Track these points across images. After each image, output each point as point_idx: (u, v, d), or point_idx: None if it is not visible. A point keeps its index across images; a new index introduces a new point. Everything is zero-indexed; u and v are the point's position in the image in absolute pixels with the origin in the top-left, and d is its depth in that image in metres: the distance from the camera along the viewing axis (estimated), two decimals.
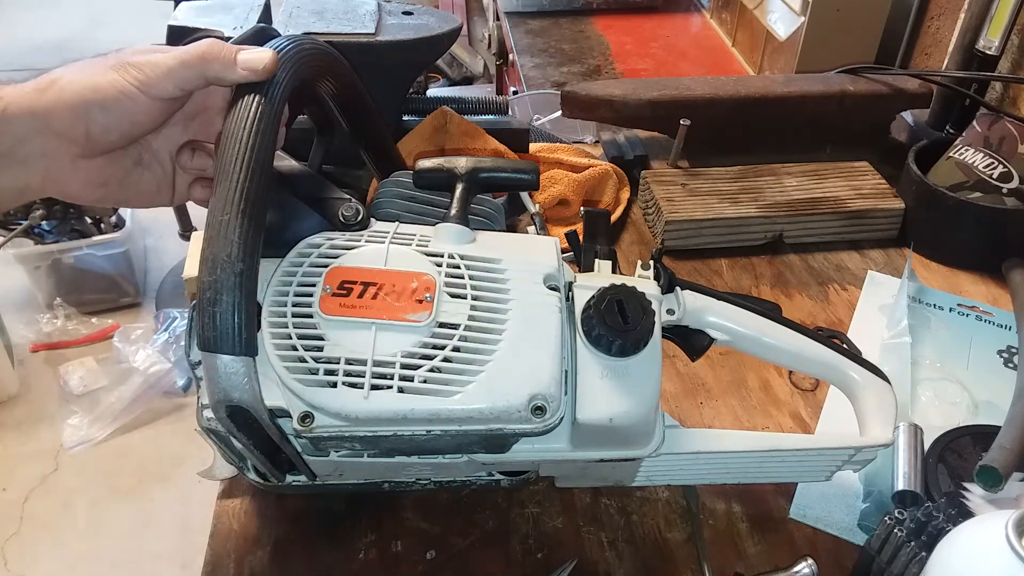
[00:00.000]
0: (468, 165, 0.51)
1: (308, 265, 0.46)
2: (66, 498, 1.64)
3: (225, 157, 0.39)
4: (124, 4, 3.45)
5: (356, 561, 0.54)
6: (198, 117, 0.49)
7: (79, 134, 0.42)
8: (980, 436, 0.60)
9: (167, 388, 1.81)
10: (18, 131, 0.41)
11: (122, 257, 1.96)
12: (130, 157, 0.47)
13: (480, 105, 0.88)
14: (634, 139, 0.94)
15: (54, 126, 0.41)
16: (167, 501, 1.64)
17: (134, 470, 1.69)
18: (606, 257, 0.52)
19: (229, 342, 0.37)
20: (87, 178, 0.45)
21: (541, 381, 0.44)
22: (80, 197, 0.46)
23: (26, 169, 0.42)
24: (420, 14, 0.80)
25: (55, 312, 1.96)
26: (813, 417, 0.65)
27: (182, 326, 1.86)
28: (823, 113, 0.91)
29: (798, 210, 0.82)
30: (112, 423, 1.75)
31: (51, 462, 1.70)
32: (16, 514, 1.61)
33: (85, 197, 0.46)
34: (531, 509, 0.58)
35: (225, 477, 0.58)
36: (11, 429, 1.77)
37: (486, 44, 1.80)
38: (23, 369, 1.88)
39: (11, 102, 0.41)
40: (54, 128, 0.42)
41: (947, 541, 0.44)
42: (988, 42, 0.90)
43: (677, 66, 1.41)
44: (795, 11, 1.20)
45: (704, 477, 0.55)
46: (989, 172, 0.79)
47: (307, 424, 0.42)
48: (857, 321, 0.74)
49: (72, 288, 1.96)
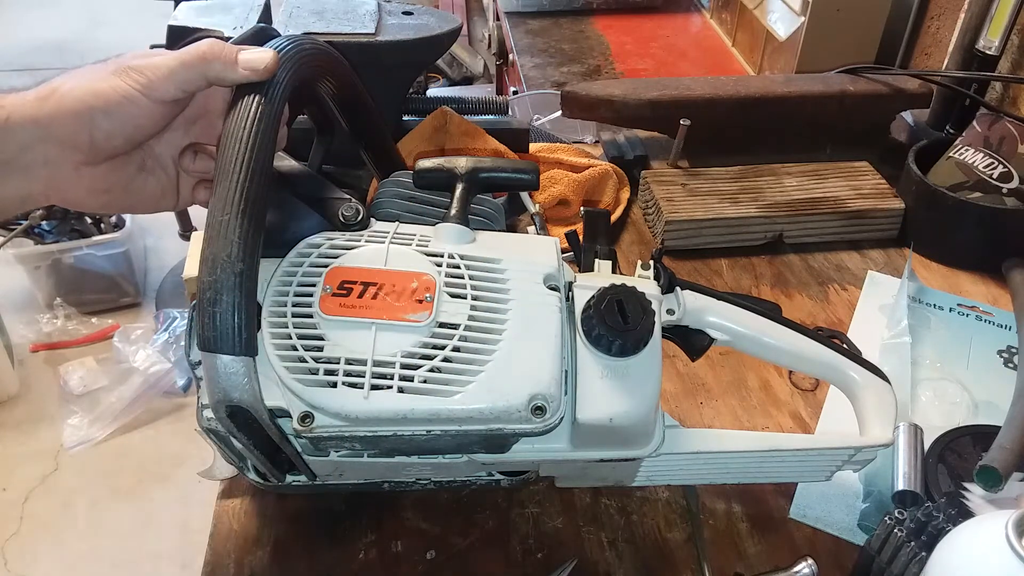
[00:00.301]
0: (468, 165, 0.51)
1: (308, 265, 0.46)
2: (66, 498, 1.64)
3: (225, 157, 0.39)
4: (124, 4, 3.45)
5: (356, 561, 0.54)
6: (199, 120, 0.49)
7: (83, 141, 0.42)
8: (980, 436, 0.60)
9: (167, 388, 1.81)
10: (20, 140, 0.41)
11: (122, 257, 1.96)
12: (133, 163, 0.47)
13: (480, 105, 0.88)
14: (634, 139, 0.94)
15: (57, 134, 0.41)
16: (167, 501, 1.64)
17: (134, 470, 1.69)
18: (606, 257, 0.52)
19: (229, 342, 0.37)
20: (91, 185, 0.45)
21: (541, 381, 0.44)
22: (84, 205, 0.46)
23: (28, 178, 0.42)
24: (420, 14, 0.80)
25: (55, 312, 1.96)
26: (813, 417, 0.65)
27: (182, 326, 1.86)
28: (823, 113, 0.91)
29: (798, 210, 0.82)
30: (112, 423, 1.75)
31: (51, 462, 1.70)
32: (16, 514, 1.61)
33: (89, 205, 0.46)
34: (531, 509, 0.58)
35: (225, 477, 0.58)
36: (11, 429, 1.77)
37: (486, 44, 1.80)
38: (23, 369, 1.88)
39: (13, 111, 0.41)
40: (57, 136, 0.41)
41: (947, 541, 0.44)
42: (988, 42, 0.90)
43: (677, 66, 1.41)
44: (795, 11, 1.20)
45: (704, 477, 0.55)
46: (989, 172, 0.79)
47: (307, 424, 0.42)
48: (857, 321, 0.74)
49: (72, 288, 1.96)
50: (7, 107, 0.41)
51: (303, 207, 0.49)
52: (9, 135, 0.40)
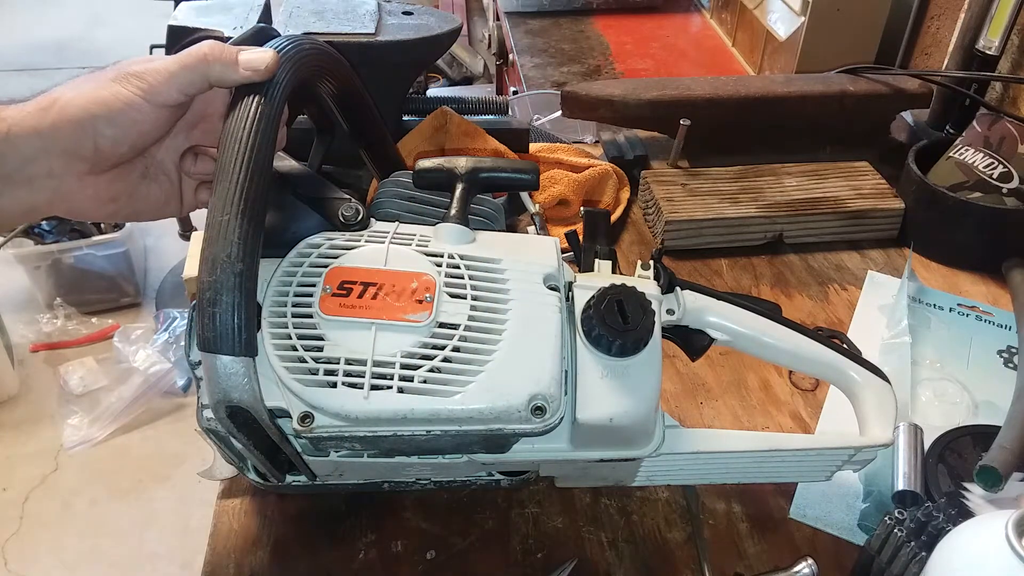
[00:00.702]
0: (468, 165, 0.51)
1: (308, 265, 0.46)
2: (66, 498, 1.64)
3: (225, 157, 0.39)
4: (124, 4, 3.45)
5: (356, 561, 0.54)
6: (200, 124, 0.49)
7: (87, 150, 0.42)
8: (980, 436, 0.60)
9: (167, 388, 1.81)
10: (23, 152, 0.41)
11: (122, 257, 1.96)
12: (136, 171, 0.47)
13: (480, 105, 0.88)
14: (634, 139, 0.94)
15: (60, 144, 0.41)
16: (167, 501, 1.64)
17: (134, 470, 1.69)
18: (606, 257, 0.52)
19: (229, 342, 0.37)
20: (95, 194, 0.45)
21: (541, 381, 0.44)
22: (90, 214, 0.46)
23: (32, 190, 0.42)
24: (420, 14, 0.80)
25: (55, 312, 1.96)
26: (813, 417, 0.65)
27: (182, 326, 1.86)
28: (823, 113, 0.91)
29: (798, 210, 0.82)
30: (112, 423, 1.75)
31: (51, 462, 1.70)
32: (16, 514, 1.61)
33: (95, 214, 0.46)
34: (531, 509, 0.58)
35: (225, 477, 0.58)
36: (11, 429, 1.77)
37: (486, 44, 1.80)
38: (23, 369, 1.89)
39: (14, 123, 0.40)
40: (60, 146, 0.41)
41: (947, 541, 0.44)
42: (988, 42, 0.90)
43: (677, 66, 1.41)
44: (795, 11, 1.20)
45: (704, 477, 0.55)
46: (989, 172, 0.79)
47: (307, 424, 0.42)
48: (857, 321, 0.74)
49: (72, 288, 1.96)
50: (7, 119, 0.40)
51: (303, 207, 0.49)
52: (11, 148, 0.40)
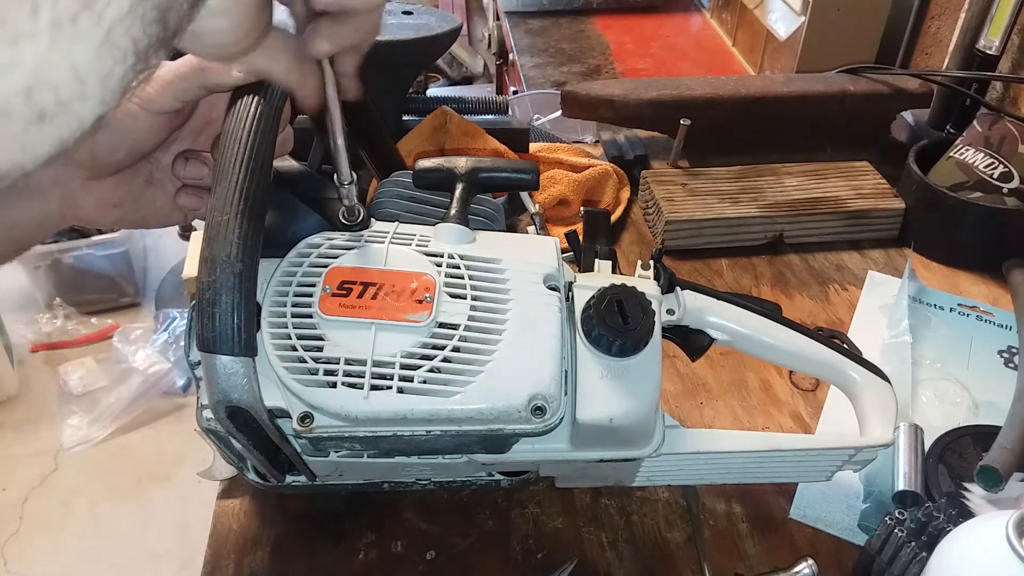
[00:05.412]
0: (468, 165, 0.51)
1: (308, 265, 0.46)
2: (66, 498, 1.64)
3: (224, 157, 0.39)
4: None
5: (356, 561, 0.54)
6: (205, 129, 0.49)
7: (85, 156, 0.43)
8: (980, 436, 0.60)
9: (167, 388, 1.81)
10: None
11: (122, 257, 1.96)
12: (140, 176, 0.47)
13: (480, 105, 0.88)
14: (634, 139, 0.94)
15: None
16: (167, 501, 1.64)
17: (134, 470, 1.69)
18: (606, 257, 0.52)
19: (228, 342, 0.37)
20: (100, 199, 0.45)
21: (541, 381, 0.44)
22: (97, 221, 0.46)
23: (43, 197, 0.43)
24: (420, 14, 0.80)
25: (55, 312, 1.96)
26: (813, 417, 0.65)
27: (182, 326, 1.86)
28: (823, 113, 0.91)
29: (798, 210, 0.82)
30: (112, 423, 1.75)
31: (51, 462, 1.70)
32: (16, 514, 1.61)
33: (102, 220, 0.46)
34: (531, 509, 0.58)
35: (225, 477, 0.58)
36: (11, 429, 1.77)
37: (486, 44, 1.80)
38: (23, 369, 1.88)
39: None
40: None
41: (947, 541, 0.44)
42: (988, 42, 0.90)
43: (677, 66, 1.41)
44: (795, 11, 1.20)
45: (704, 477, 0.55)
46: (989, 172, 0.79)
47: (307, 424, 0.42)
48: (857, 321, 0.74)
49: (72, 288, 1.96)
50: None
51: (303, 207, 0.49)
52: None
